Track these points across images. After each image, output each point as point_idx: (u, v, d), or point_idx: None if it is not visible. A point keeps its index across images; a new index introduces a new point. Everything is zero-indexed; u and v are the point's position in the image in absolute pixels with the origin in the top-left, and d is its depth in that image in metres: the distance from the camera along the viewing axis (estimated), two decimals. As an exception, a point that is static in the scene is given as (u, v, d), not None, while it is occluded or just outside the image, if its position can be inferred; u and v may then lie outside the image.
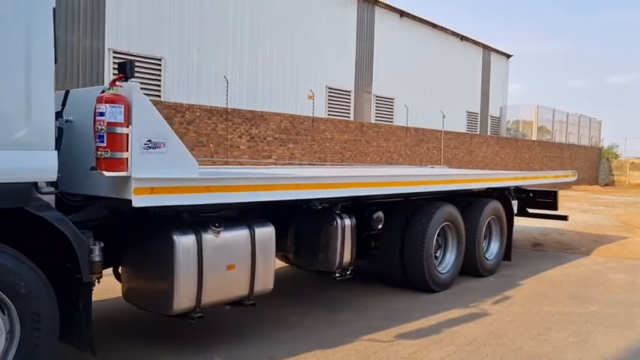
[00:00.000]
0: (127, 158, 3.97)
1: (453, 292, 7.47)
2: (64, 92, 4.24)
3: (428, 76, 26.19)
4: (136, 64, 4.21)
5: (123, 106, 3.91)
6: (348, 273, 6.30)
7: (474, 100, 30.72)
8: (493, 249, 8.84)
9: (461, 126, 28.56)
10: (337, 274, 6.19)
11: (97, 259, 4.36)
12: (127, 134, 3.96)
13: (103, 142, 3.89)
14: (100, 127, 3.89)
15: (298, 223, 6.38)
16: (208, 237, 4.67)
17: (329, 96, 21.66)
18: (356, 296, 7.06)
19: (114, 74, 15.67)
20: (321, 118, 19.05)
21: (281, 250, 6.59)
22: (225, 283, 4.83)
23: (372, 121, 23.31)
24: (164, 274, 4.50)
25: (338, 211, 6.18)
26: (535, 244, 11.65)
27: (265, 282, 5.17)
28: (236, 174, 5.42)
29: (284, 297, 6.82)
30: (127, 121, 3.96)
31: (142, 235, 4.71)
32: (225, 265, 4.79)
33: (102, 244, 4.39)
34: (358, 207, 6.80)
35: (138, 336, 5.43)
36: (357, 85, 23.02)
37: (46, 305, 3.73)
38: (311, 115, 18.77)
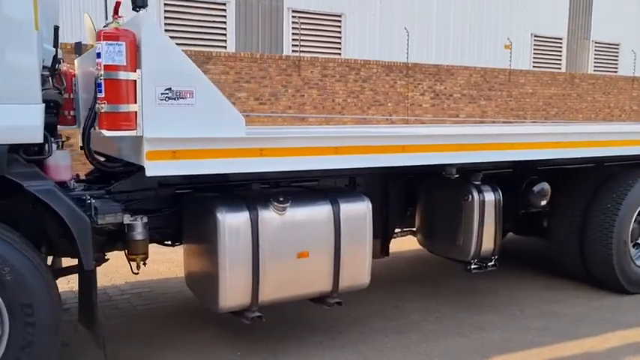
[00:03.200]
0: (136, 112, 3.04)
1: (658, 296, 5.41)
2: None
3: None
4: (316, 22, 3.22)
5: (125, 44, 2.97)
6: (490, 264, 4.75)
7: None
8: None
9: None
10: (473, 266, 4.68)
11: (138, 237, 3.63)
12: (135, 81, 3.02)
13: (100, 91, 3.00)
14: (98, 73, 3.00)
15: (426, 197, 4.98)
16: (269, 215, 3.59)
17: (535, 45, 18.86)
18: (508, 290, 5.43)
19: (293, 34, 15.47)
20: (520, 71, 16.54)
21: (409, 229, 5.30)
22: (295, 276, 3.72)
23: (590, 71, 19.84)
24: (209, 262, 3.56)
25: (477, 182, 4.64)
26: None
27: (356, 275, 3.95)
28: (302, 132, 4.22)
29: (406, 285, 5.53)
30: (134, 64, 3.02)
31: (193, 211, 3.82)
32: (294, 252, 3.68)
33: (145, 220, 3.63)
34: (514, 176, 5.15)
35: (196, 330, 4.47)
36: (571, 30, 19.69)
37: (41, 296, 3.03)
38: (508, 67, 16.40)
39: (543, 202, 5.06)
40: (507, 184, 4.96)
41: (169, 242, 4.30)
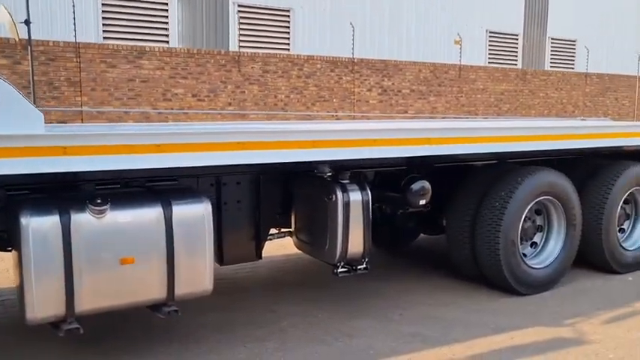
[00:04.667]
0: None
1: (549, 297, 5.22)
2: None
3: (623, 8, 21.47)
4: (264, 17, 2.94)
5: None
6: (361, 268, 4.51)
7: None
8: (638, 235, 6.20)
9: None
10: (340, 269, 4.44)
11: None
12: None
13: None
14: None
15: (299, 196, 4.75)
16: (84, 218, 3.31)
17: (490, 41, 18.79)
18: (397, 293, 5.22)
19: (239, 29, 15.14)
20: (471, 67, 16.45)
21: (288, 230, 5.06)
22: (119, 283, 3.44)
23: (547, 67, 19.84)
24: (18, 269, 3.28)
25: (345, 181, 4.41)
26: None
27: (195, 281, 3.69)
28: (115, 130, 3.96)
29: (289, 289, 5.30)
30: None
31: (11, 215, 3.52)
32: (116, 258, 3.40)
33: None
34: (394, 175, 4.93)
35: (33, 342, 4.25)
36: (527, 26, 19.66)
37: None
38: (458, 63, 16.29)
39: (422, 202, 4.82)
40: (386, 182, 4.75)
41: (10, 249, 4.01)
